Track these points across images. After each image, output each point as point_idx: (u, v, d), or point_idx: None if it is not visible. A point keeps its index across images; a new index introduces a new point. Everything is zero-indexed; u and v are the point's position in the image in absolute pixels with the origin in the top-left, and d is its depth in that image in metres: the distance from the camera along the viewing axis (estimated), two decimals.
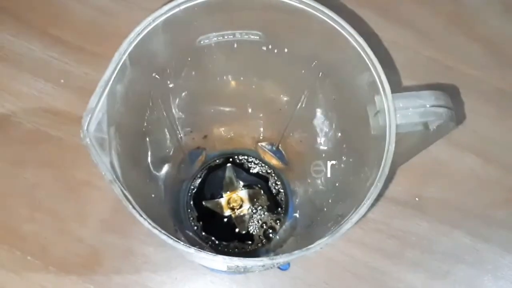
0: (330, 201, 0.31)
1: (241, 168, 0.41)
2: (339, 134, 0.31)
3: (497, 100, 0.46)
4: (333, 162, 0.32)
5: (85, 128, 0.23)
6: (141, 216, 0.22)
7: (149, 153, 0.30)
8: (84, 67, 0.45)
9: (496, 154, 0.45)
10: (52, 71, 0.45)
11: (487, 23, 0.49)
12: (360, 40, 0.25)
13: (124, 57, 0.24)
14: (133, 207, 0.22)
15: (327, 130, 0.32)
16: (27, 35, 0.46)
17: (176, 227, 0.36)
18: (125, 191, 0.23)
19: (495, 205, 0.43)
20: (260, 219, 0.40)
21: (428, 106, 0.25)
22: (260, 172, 0.41)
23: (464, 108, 0.45)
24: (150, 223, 0.22)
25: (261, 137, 0.39)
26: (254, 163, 0.41)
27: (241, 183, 0.40)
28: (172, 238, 0.22)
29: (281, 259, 0.23)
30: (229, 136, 0.39)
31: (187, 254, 0.24)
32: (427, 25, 0.48)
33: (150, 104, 0.29)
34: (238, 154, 0.41)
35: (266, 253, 0.38)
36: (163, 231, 0.22)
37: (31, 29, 0.46)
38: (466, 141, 0.45)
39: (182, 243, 0.22)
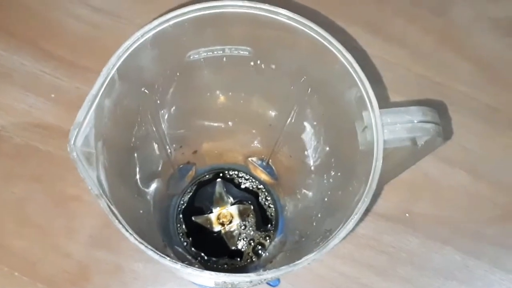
0: (319, 215, 0.31)
1: (231, 183, 0.41)
2: (327, 149, 0.31)
3: (487, 116, 0.46)
4: (322, 176, 0.32)
5: (72, 142, 0.23)
6: (127, 231, 0.22)
7: (137, 168, 0.30)
8: (75, 81, 0.45)
9: (486, 170, 0.45)
10: (43, 86, 0.45)
11: (475, 40, 0.49)
12: (348, 55, 0.25)
13: (113, 71, 0.24)
14: (119, 222, 0.22)
15: (315, 144, 0.32)
16: (19, 50, 0.46)
17: (165, 242, 0.35)
18: (111, 206, 0.23)
19: (485, 222, 0.43)
20: (250, 235, 0.39)
21: (415, 121, 0.25)
22: (251, 188, 0.41)
23: (452, 124, 0.45)
24: (136, 238, 0.22)
25: (251, 152, 0.39)
26: (245, 178, 0.41)
27: (231, 199, 0.40)
28: (158, 254, 0.22)
29: (268, 275, 0.23)
30: (219, 151, 0.39)
31: (175, 270, 0.23)
32: (417, 42, 0.49)
33: (139, 119, 0.29)
34: (228, 169, 0.41)
35: (256, 269, 0.38)
36: (149, 247, 0.22)
37: (23, 43, 0.46)
38: (457, 158, 0.45)
39: (168, 258, 0.22)
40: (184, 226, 0.40)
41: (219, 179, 0.41)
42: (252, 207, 0.40)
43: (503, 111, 0.47)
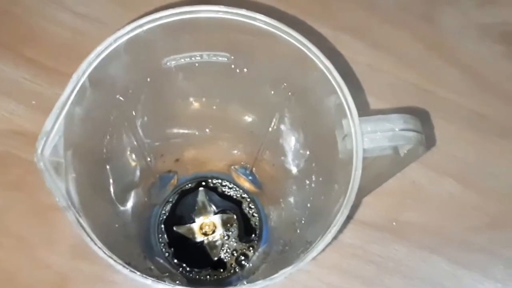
0: (302, 221, 0.30)
1: (215, 192, 0.40)
2: (308, 153, 0.30)
3: (476, 124, 0.46)
4: (304, 182, 0.31)
5: (39, 151, 0.22)
6: (96, 244, 0.21)
7: (111, 180, 0.29)
8: (56, 88, 0.44)
9: (474, 178, 0.44)
10: (24, 93, 0.44)
11: (463, 47, 0.49)
12: (327, 62, 0.25)
13: (83, 78, 0.23)
14: (87, 235, 0.22)
15: (297, 151, 0.31)
16: (1, 56, 0.45)
17: (145, 254, 0.34)
18: (80, 218, 0.22)
19: (474, 230, 0.43)
20: (233, 246, 0.39)
21: (397, 129, 0.25)
22: (234, 196, 0.40)
23: (440, 131, 0.45)
24: (105, 252, 0.21)
25: (234, 160, 0.39)
26: (228, 187, 0.40)
27: (214, 208, 0.40)
28: (128, 268, 0.21)
29: None
30: (201, 160, 0.38)
31: (146, 285, 0.23)
32: (404, 49, 0.48)
33: (110, 129, 0.28)
34: (211, 178, 0.40)
35: (239, 280, 0.37)
36: (118, 261, 0.21)
37: (3, 49, 0.45)
38: (444, 165, 0.44)
39: (139, 273, 0.21)
40: (165, 237, 0.39)
41: (201, 188, 0.40)
42: (235, 217, 0.39)
43: (491, 118, 0.46)
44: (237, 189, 0.40)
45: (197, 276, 0.38)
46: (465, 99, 0.47)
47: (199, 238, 0.39)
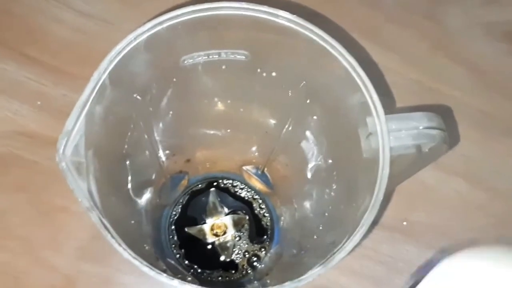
0: (320, 228, 0.30)
1: (226, 193, 0.40)
2: (330, 161, 0.30)
3: (482, 123, 0.46)
4: (323, 190, 0.31)
5: (61, 151, 0.21)
6: (120, 246, 0.21)
7: (129, 177, 0.29)
8: (61, 88, 0.44)
9: (483, 178, 0.44)
10: (29, 93, 0.43)
11: (469, 46, 0.49)
12: (351, 59, 0.24)
13: (104, 76, 0.23)
14: (112, 236, 0.21)
15: (315, 153, 0.31)
16: (2, 56, 0.44)
17: (157, 255, 0.34)
18: (103, 219, 0.21)
19: (482, 230, 0.43)
20: (244, 247, 0.38)
21: (421, 128, 0.24)
22: (245, 197, 0.40)
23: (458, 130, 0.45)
24: (130, 254, 0.21)
25: (246, 161, 0.38)
26: (239, 188, 0.40)
27: (225, 209, 0.39)
28: (154, 270, 0.21)
29: None
30: (213, 160, 0.38)
31: (169, 286, 0.22)
32: (411, 48, 0.48)
33: (131, 126, 0.28)
34: (222, 178, 0.40)
35: (251, 282, 0.37)
36: (144, 263, 0.21)
37: (7, 49, 0.44)
38: (453, 165, 0.44)
39: (165, 275, 0.21)
40: (176, 238, 0.38)
41: (212, 189, 0.39)
42: (247, 217, 0.39)
43: (496, 116, 0.46)
44: (249, 189, 0.40)
45: (209, 278, 0.37)
46: (470, 97, 0.47)
47: (210, 239, 0.38)
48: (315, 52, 0.25)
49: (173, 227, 0.38)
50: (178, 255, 0.38)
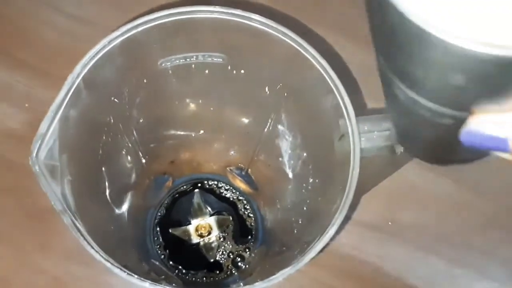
0: (300, 222, 0.30)
1: (210, 194, 0.40)
2: (305, 154, 0.30)
3: None
4: (301, 184, 0.31)
5: (34, 154, 0.22)
6: (92, 248, 0.21)
7: (107, 183, 0.29)
8: (50, 91, 0.42)
9: (471, 178, 0.44)
10: (17, 95, 0.44)
11: None
12: (323, 62, 0.25)
13: (78, 80, 0.23)
14: (84, 239, 0.21)
15: (293, 152, 0.31)
16: None
17: (140, 256, 0.34)
18: (76, 222, 0.22)
19: (470, 230, 0.43)
20: (229, 247, 0.38)
21: (393, 129, 0.25)
22: (230, 198, 0.40)
23: None
24: (102, 256, 0.21)
25: (229, 162, 0.38)
26: (224, 189, 0.40)
27: (210, 209, 0.39)
28: (125, 271, 0.21)
29: None
30: (196, 161, 0.38)
31: None
32: None
33: (106, 129, 0.28)
34: (207, 179, 0.40)
35: (235, 282, 0.37)
36: (115, 264, 0.21)
37: None
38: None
39: (136, 276, 0.21)
40: (161, 239, 0.38)
41: (197, 190, 0.40)
42: (231, 218, 0.39)
43: None
44: (233, 190, 0.40)
45: (193, 278, 0.37)
46: None
47: (195, 240, 0.38)
48: (289, 54, 0.26)
49: (157, 228, 0.39)
50: (162, 256, 0.38)
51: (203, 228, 0.38)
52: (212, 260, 0.38)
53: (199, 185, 0.40)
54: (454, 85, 0.12)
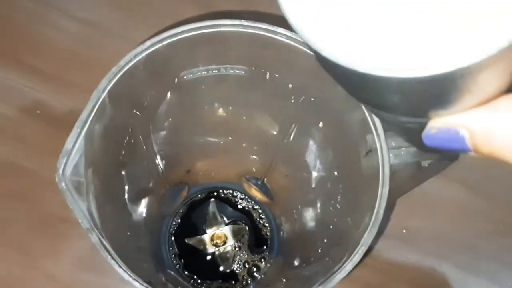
0: (325, 241, 0.30)
1: (226, 203, 0.40)
2: (336, 173, 0.30)
3: None
4: (327, 201, 0.30)
5: (61, 171, 0.21)
6: (120, 267, 0.21)
7: (126, 187, 0.28)
8: (61, 97, 0.43)
9: (483, 184, 0.44)
10: (28, 101, 0.43)
11: None
12: None
13: (103, 95, 0.23)
14: (112, 258, 0.21)
15: (320, 165, 0.31)
16: (1, 64, 0.44)
17: (156, 266, 0.34)
18: (103, 240, 0.21)
19: (483, 237, 0.43)
20: (244, 257, 0.38)
21: None
22: (245, 207, 0.40)
23: None
24: (130, 275, 0.21)
25: (246, 171, 0.38)
26: (239, 198, 0.40)
27: (225, 219, 0.39)
28: None
29: None
30: (213, 170, 0.38)
31: None
32: None
33: (127, 138, 0.27)
34: (222, 188, 0.40)
35: None
36: (144, 284, 0.21)
37: (6, 57, 0.44)
38: (453, 172, 0.44)
39: None
40: (176, 248, 0.38)
41: (212, 199, 0.39)
42: (246, 228, 0.39)
43: None
44: (249, 199, 0.40)
45: None
46: None
47: (210, 249, 0.38)
48: (315, 68, 0.25)
49: (173, 237, 0.38)
50: (178, 266, 0.37)
51: (219, 237, 0.38)
52: (227, 270, 0.38)
53: (215, 194, 0.40)
54: (396, 102, 0.14)
